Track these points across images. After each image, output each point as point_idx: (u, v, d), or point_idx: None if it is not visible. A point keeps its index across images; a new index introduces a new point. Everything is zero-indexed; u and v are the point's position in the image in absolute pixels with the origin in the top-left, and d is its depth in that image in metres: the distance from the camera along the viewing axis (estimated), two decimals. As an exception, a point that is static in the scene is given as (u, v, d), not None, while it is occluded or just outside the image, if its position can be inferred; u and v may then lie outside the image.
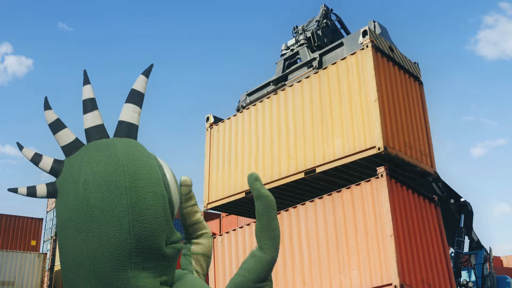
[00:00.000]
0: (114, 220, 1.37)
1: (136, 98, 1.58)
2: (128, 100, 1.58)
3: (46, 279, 26.11)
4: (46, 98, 1.59)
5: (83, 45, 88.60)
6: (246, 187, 12.65)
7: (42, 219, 27.49)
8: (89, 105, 1.55)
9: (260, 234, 1.55)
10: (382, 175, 9.82)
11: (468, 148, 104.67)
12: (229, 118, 13.99)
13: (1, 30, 77.73)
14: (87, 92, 1.57)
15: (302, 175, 11.43)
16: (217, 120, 14.41)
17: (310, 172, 11.29)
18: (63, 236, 1.44)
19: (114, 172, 1.41)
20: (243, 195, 12.71)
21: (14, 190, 1.50)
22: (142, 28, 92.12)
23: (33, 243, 26.14)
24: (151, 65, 1.66)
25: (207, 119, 14.56)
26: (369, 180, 10.12)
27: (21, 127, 76.95)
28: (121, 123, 1.55)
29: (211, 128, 14.39)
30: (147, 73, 1.63)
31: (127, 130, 1.55)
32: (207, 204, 13.67)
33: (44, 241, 30.16)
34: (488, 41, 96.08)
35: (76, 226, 1.40)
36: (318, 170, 11.11)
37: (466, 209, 17.36)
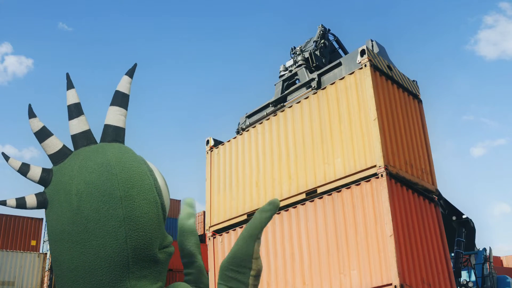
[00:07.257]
0: (110, 230, 1.34)
1: (121, 100, 1.53)
2: (113, 103, 1.53)
3: (46, 279, 25.97)
4: (30, 105, 1.54)
5: (83, 45, 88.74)
6: (247, 209, 12.61)
7: (42, 219, 27.18)
8: (75, 111, 1.51)
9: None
10: (382, 175, 9.80)
11: (468, 148, 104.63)
12: (229, 141, 13.99)
13: (1, 30, 77.95)
14: (72, 97, 1.53)
15: (303, 196, 11.39)
16: (217, 143, 14.43)
17: (311, 192, 11.25)
18: (57, 248, 1.40)
19: (107, 182, 1.38)
20: (245, 217, 12.64)
21: (3, 203, 1.44)
22: (142, 28, 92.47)
23: (33, 243, 26.15)
24: (135, 65, 1.61)
25: (207, 142, 14.57)
26: (369, 180, 10.09)
27: (21, 127, 76.71)
28: (107, 127, 1.51)
29: (211, 151, 14.39)
30: (131, 73, 1.58)
31: (114, 134, 1.51)
32: (209, 227, 13.60)
33: (44, 241, 30.08)
34: (488, 41, 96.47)
35: (70, 238, 1.36)
36: (319, 190, 11.07)
37: (468, 226, 17.29)
